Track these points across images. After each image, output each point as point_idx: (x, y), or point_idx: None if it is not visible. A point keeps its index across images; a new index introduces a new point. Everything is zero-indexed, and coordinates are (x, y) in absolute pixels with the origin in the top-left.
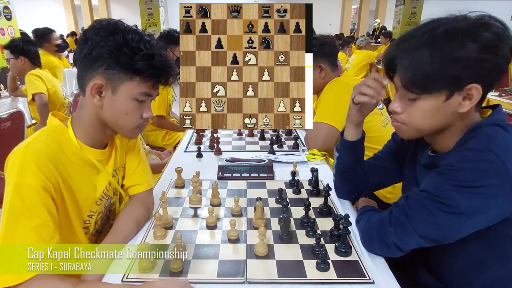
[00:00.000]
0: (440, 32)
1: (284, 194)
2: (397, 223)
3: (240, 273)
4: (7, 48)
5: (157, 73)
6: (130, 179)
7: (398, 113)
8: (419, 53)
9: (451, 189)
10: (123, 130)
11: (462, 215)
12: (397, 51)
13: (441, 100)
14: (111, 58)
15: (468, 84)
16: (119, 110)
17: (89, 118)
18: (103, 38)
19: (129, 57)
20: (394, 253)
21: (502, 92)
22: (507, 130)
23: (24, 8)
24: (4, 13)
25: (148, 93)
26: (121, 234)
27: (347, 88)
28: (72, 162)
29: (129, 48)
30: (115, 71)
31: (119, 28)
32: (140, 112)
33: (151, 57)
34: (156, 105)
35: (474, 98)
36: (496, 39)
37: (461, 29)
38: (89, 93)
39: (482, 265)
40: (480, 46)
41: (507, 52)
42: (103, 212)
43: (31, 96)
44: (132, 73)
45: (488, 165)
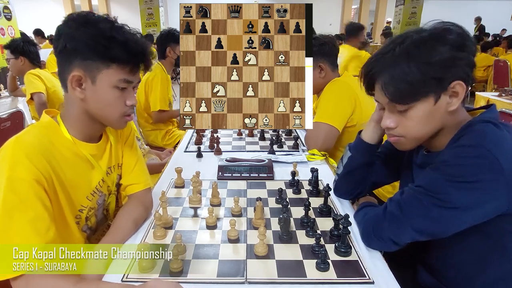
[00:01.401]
0: (409, 44)
1: (284, 194)
2: (391, 218)
3: (240, 273)
4: (7, 48)
5: (133, 58)
6: (127, 178)
7: (392, 128)
8: (396, 66)
9: (446, 185)
10: (110, 120)
11: (456, 210)
12: (373, 70)
13: (431, 104)
14: (86, 48)
15: (450, 82)
16: (101, 100)
17: (76, 113)
18: (75, 30)
19: (103, 45)
20: (390, 247)
21: (502, 92)
22: (498, 127)
23: (24, 8)
24: (4, 13)
25: (128, 79)
26: (119, 234)
27: (347, 88)
28: (64, 156)
29: (102, 37)
30: (91, 61)
31: (90, 18)
32: (123, 100)
33: (125, 43)
34: (158, 100)
35: (460, 94)
36: (460, 39)
37: (426, 37)
38: (70, 87)
39: (482, 262)
40: (450, 47)
41: (473, 48)
42: (96, 209)
43: (29, 95)
44: (108, 61)
45: (481, 161)
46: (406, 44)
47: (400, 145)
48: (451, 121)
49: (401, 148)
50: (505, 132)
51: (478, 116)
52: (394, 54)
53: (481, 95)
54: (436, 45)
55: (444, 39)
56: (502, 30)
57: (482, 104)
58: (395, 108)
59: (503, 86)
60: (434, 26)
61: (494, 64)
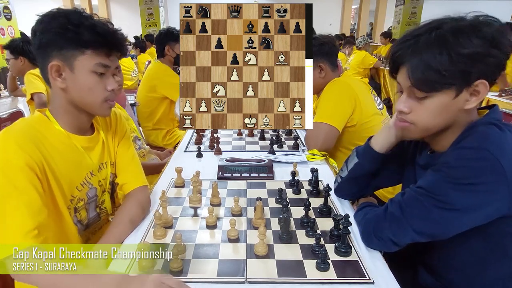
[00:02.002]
0: (446, 30)
1: (284, 194)
2: (392, 218)
3: (240, 273)
4: (7, 48)
5: (104, 41)
6: (123, 176)
7: (405, 113)
8: (428, 51)
9: (447, 186)
10: (92, 106)
11: (457, 212)
12: (402, 51)
13: (450, 97)
14: (59, 38)
15: (476, 80)
16: (82, 86)
17: (61, 105)
18: (47, 24)
19: (74, 31)
20: (390, 248)
21: (502, 92)
22: (501, 129)
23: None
24: (4, 13)
25: (104, 63)
26: (115, 234)
27: (347, 88)
28: (54, 147)
29: (72, 24)
30: (66, 50)
31: (59, 11)
32: (103, 85)
33: (93, 27)
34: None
35: (481, 94)
36: (498, 35)
37: (464, 27)
38: (51, 77)
39: (482, 263)
40: (485, 42)
41: (508, 47)
42: (86, 201)
43: (29, 96)
44: (81, 47)
45: (483, 163)
46: (443, 31)
47: (408, 132)
48: (462, 120)
49: (407, 136)
50: (508, 134)
51: (481, 118)
52: (429, 39)
53: None
54: (472, 36)
55: (480, 32)
56: None
57: (482, 104)
58: (414, 93)
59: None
60: (475, 16)
61: None
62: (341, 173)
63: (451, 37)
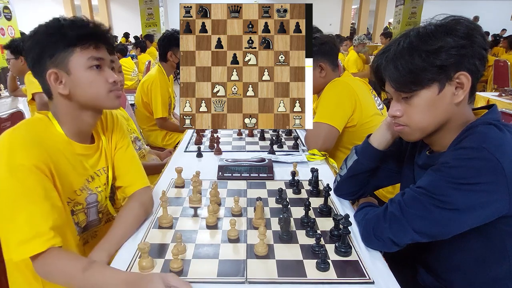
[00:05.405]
0: (413, 36)
1: (284, 194)
2: (392, 218)
3: (240, 273)
4: (7, 48)
5: (88, 34)
6: (124, 179)
7: (398, 117)
8: (400, 58)
9: (447, 186)
10: (99, 99)
11: (457, 211)
12: (379, 62)
13: (434, 93)
14: (46, 45)
15: (455, 72)
16: (83, 84)
17: (64, 112)
18: (31, 40)
19: (58, 34)
20: (390, 248)
21: (502, 92)
22: (500, 129)
23: (24, 8)
24: (4, 13)
25: (95, 56)
26: (117, 235)
27: (347, 88)
28: (56, 148)
29: (53, 29)
30: (57, 55)
31: (39, 25)
32: (103, 78)
33: (72, 24)
34: (160, 107)
35: (465, 86)
36: (469, 31)
37: (433, 29)
38: (52, 85)
39: (483, 263)
40: (456, 37)
41: (482, 40)
42: (84, 206)
43: (30, 96)
44: (69, 46)
45: (483, 163)
46: (410, 37)
47: (405, 134)
48: (457, 117)
49: (406, 138)
50: (507, 134)
51: (480, 118)
52: (399, 48)
53: (481, 95)
54: (442, 35)
55: (451, 30)
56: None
57: (482, 104)
58: (400, 96)
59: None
60: (446, 17)
61: (494, 64)
62: (340, 172)
63: (418, 41)
